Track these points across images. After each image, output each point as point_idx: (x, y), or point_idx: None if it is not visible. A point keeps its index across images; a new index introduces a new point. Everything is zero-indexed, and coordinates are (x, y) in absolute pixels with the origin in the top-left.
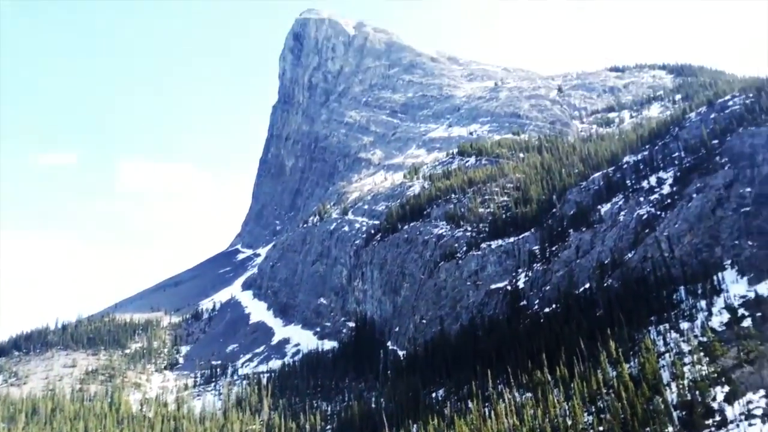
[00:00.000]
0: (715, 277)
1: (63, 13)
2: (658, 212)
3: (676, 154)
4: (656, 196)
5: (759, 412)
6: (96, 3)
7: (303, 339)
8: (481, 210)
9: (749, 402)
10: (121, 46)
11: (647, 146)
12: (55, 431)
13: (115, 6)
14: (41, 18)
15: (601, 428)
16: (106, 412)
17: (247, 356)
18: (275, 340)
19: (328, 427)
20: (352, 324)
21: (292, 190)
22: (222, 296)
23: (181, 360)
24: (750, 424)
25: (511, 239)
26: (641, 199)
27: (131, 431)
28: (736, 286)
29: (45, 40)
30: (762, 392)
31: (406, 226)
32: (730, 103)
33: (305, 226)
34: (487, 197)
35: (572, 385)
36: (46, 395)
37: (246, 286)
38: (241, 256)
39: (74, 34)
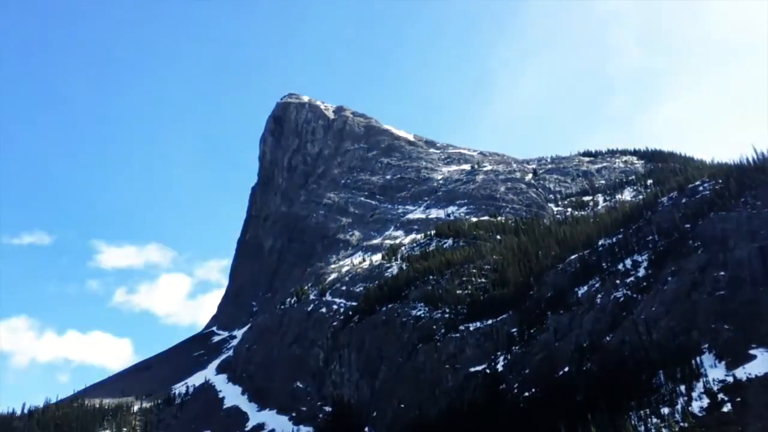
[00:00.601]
0: (693, 361)
1: (38, 95)
2: (635, 295)
3: (650, 237)
4: (632, 278)
5: None
6: (73, 89)
7: (278, 424)
8: (459, 292)
9: None
10: (96, 128)
11: (621, 229)
12: None
13: (90, 89)
14: (14, 100)
15: None
16: None
17: None
18: (249, 425)
19: None
20: (329, 408)
21: (270, 271)
22: (196, 380)
23: None
24: None
25: (490, 321)
26: (617, 281)
27: None
28: (714, 371)
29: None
30: None
31: (383, 308)
32: (701, 188)
33: (282, 307)
34: (464, 279)
35: None
36: None
37: (220, 369)
38: (216, 339)
39: (45, 115)
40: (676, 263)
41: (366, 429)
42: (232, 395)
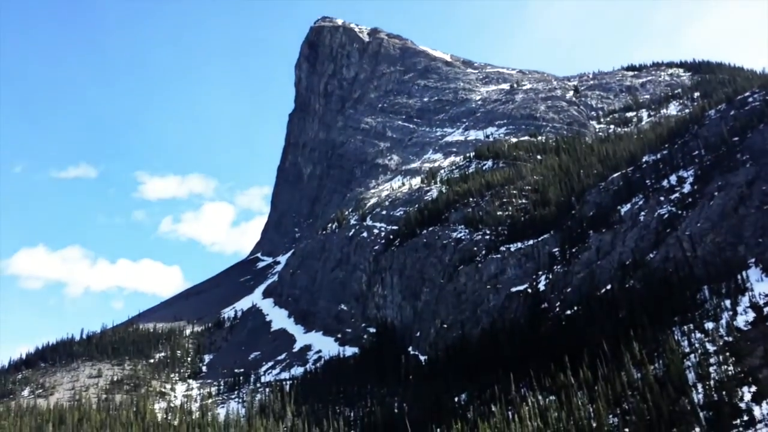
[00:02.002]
0: (739, 276)
1: (78, 31)
2: (680, 211)
3: (696, 152)
4: (677, 195)
5: None
6: (110, 22)
7: (324, 345)
8: (499, 213)
9: None
10: (135, 62)
11: (666, 145)
12: None
13: (127, 23)
14: (59, 37)
15: (626, 430)
16: (131, 420)
17: (270, 364)
18: (297, 347)
19: (351, 431)
20: (372, 330)
21: (310, 197)
22: (243, 304)
23: (204, 368)
24: None
25: (531, 242)
26: (662, 198)
27: None
28: (760, 285)
29: (57, 59)
30: None
31: (424, 231)
32: (750, 99)
33: (324, 233)
34: (505, 200)
35: (596, 388)
36: (72, 405)
37: (266, 294)
38: (261, 265)
39: (86, 50)
40: (723, 178)
41: (409, 349)
42: (278, 318)
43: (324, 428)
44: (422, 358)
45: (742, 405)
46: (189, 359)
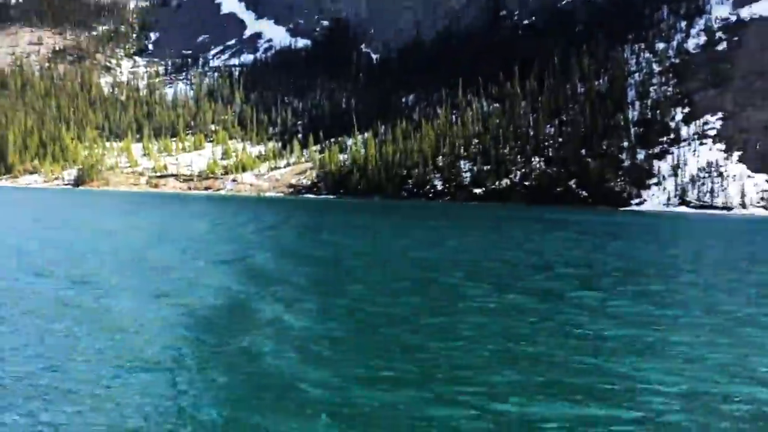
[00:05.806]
0: None
1: None
2: None
3: None
4: None
5: (712, 132)
6: None
7: (275, 35)
8: None
9: (705, 123)
10: None
11: None
12: (27, 106)
13: None
14: None
15: (560, 139)
16: (77, 92)
17: (219, 48)
18: (247, 33)
19: (299, 122)
20: (326, 23)
21: None
22: None
23: (150, 47)
24: (701, 143)
25: None
26: None
27: (104, 112)
28: (720, 8)
29: None
30: (720, 114)
31: None
32: None
33: None
34: None
35: (540, 98)
36: (14, 71)
37: None
38: None
39: None
40: None
41: (362, 46)
42: (228, 2)
43: (272, 116)
44: (374, 56)
45: (672, 124)
46: (134, 35)
